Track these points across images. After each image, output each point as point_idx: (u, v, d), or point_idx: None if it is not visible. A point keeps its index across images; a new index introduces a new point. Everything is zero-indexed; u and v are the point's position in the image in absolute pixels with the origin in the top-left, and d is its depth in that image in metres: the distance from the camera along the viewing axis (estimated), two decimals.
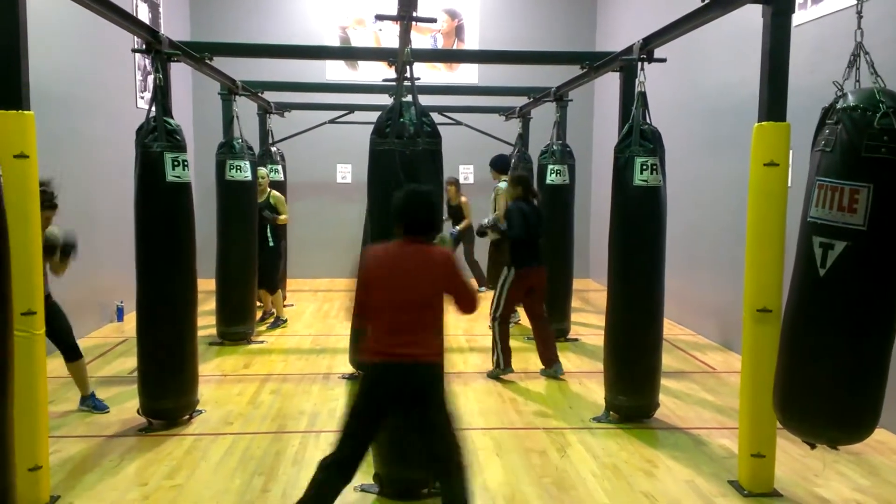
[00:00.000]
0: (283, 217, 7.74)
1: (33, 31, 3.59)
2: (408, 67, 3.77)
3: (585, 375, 6.12)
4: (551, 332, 6.28)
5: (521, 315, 6.81)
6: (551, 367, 6.07)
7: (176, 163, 4.63)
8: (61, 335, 4.92)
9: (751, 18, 4.18)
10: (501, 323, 6.01)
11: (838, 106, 2.89)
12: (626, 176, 4.76)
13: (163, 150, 4.60)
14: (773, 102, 3.70)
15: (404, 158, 3.51)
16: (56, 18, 6.57)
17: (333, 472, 3.03)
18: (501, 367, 6.02)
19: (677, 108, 8.19)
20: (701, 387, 5.84)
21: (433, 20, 4.22)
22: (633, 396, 4.87)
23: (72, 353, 4.99)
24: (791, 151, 3.75)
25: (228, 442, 4.54)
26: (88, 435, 4.62)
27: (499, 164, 8.45)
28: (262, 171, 7.90)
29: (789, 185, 3.75)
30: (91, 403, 5.10)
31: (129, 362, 4.90)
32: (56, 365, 6.14)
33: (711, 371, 6.37)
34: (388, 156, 3.54)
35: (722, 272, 7.24)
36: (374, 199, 3.70)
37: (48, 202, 4.69)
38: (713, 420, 5.06)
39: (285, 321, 8.09)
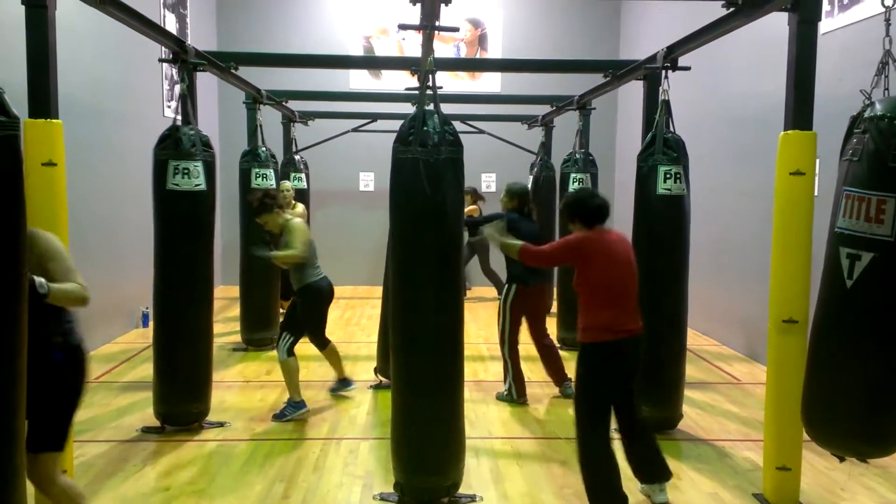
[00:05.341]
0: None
1: (62, 42, 3.65)
2: (430, 76, 3.78)
3: None
4: (556, 352, 5.85)
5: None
6: (562, 386, 5.73)
7: (177, 171, 4.63)
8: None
9: (776, 27, 4.14)
10: (511, 346, 5.60)
11: (866, 115, 2.84)
12: (650, 185, 4.73)
13: (167, 158, 4.64)
14: (800, 111, 3.66)
15: (427, 167, 3.52)
16: (85, 29, 6.68)
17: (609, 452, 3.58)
18: (515, 398, 5.59)
19: (701, 116, 8.14)
20: (725, 398, 5.77)
21: (456, 29, 4.23)
22: (656, 407, 4.81)
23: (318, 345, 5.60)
24: (818, 160, 3.71)
25: (250, 448, 4.57)
26: (112, 440, 4.67)
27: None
28: (287, 184, 7.93)
29: (816, 194, 3.70)
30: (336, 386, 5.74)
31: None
32: None
33: (736, 382, 6.30)
34: (412, 164, 3.55)
35: (747, 282, 7.17)
36: (396, 207, 3.71)
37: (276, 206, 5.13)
38: (738, 432, 5.00)
39: None
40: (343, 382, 5.72)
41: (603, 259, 3.54)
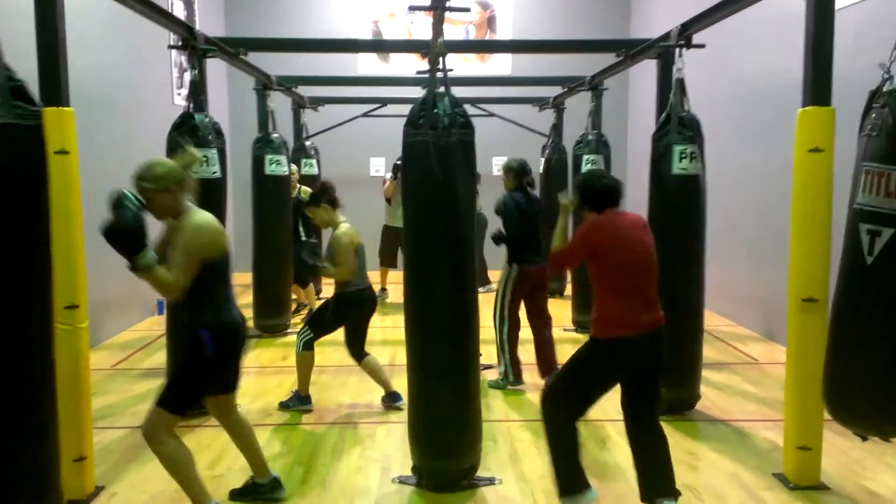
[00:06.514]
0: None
1: (71, 30, 3.63)
2: (440, 58, 3.74)
3: None
4: (552, 339, 5.56)
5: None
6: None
7: None
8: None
9: (791, 2, 4.07)
10: (510, 328, 5.42)
11: (885, 89, 2.80)
12: (665, 165, 4.68)
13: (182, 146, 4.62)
14: (817, 87, 3.60)
15: (438, 149, 3.49)
16: (93, 16, 6.67)
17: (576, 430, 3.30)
18: (511, 380, 5.45)
19: (715, 95, 8.04)
20: (743, 378, 5.74)
21: (466, 10, 4.19)
22: (673, 388, 4.77)
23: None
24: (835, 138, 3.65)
25: (267, 434, 4.58)
26: (131, 426, 4.69)
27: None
28: (292, 167, 7.94)
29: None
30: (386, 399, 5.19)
31: None
32: (98, 357, 6.27)
33: (753, 362, 6.26)
34: (422, 147, 3.52)
35: (763, 262, 7.11)
36: (408, 190, 3.69)
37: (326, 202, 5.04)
38: (756, 412, 4.97)
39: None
40: (392, 397, 5.17)
41: (614, 246, 3.21)
